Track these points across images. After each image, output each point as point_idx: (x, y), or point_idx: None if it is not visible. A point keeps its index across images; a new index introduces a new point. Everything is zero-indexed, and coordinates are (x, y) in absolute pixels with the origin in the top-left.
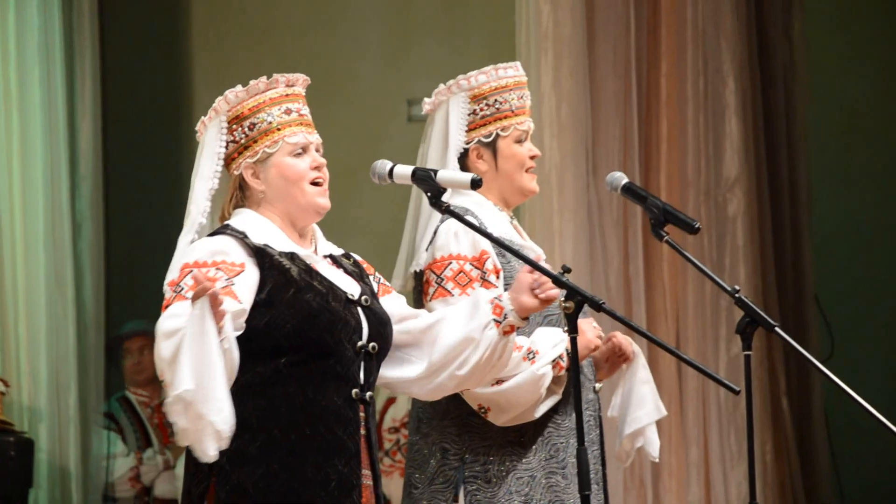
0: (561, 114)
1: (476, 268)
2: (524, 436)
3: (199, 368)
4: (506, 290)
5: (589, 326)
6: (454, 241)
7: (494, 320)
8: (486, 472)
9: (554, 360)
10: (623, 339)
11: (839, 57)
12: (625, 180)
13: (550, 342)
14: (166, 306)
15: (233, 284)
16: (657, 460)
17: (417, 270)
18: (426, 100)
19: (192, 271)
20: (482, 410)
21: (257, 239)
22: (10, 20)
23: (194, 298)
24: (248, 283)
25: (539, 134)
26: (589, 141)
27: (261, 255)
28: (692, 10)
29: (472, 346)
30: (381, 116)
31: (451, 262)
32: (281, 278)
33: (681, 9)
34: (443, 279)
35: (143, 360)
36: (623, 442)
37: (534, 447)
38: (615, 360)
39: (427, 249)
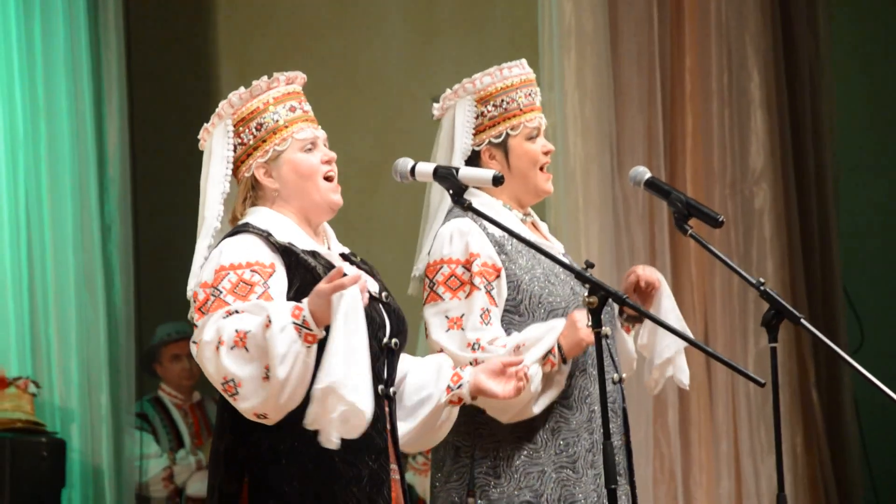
0: (585, 111)
1: (467, 270)
2: (534, 432)
3: (350, 357)
4: (508, 289)
5: (583, 317)
6: (447, 244)
7: (447, 386)
8: (496, 468)
9: (544, 357)
10: (645, 271)
11: (864, 49)
12: (647, 175)
13: (536, 337)
14: (202, 309)
15: (268, 287)
16: (687, 388)
17: (417, 275)
18: (435, 105)
19: (228, 274)
20: (481, 411)
21: (281, 237)
22: (37, 28)
23: (336, 288)
24: (279, 284)
25: (563, 131)
26: (613, 137)
27: (287, 253)
28: (715, 4)
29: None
30: (406, 114)
31: (441, 266)
32: (308, 277)
33: (704, 3)
34: (434, 283)
35: (193, 365)
36: (653, 371)
37: (543, 442)
38: (644, 292)
39: (429, 254)
